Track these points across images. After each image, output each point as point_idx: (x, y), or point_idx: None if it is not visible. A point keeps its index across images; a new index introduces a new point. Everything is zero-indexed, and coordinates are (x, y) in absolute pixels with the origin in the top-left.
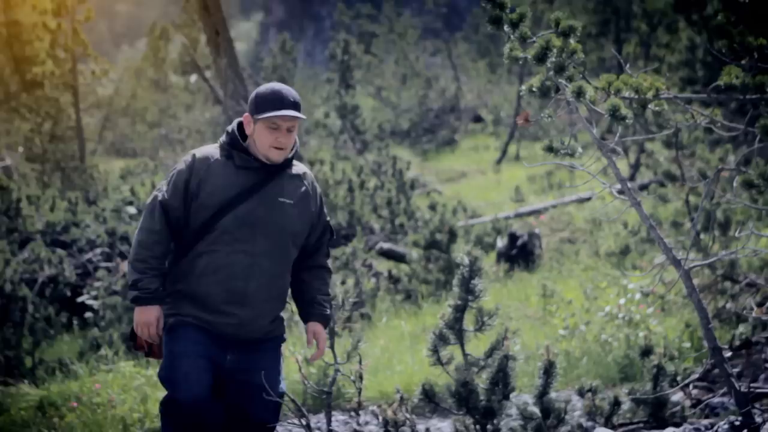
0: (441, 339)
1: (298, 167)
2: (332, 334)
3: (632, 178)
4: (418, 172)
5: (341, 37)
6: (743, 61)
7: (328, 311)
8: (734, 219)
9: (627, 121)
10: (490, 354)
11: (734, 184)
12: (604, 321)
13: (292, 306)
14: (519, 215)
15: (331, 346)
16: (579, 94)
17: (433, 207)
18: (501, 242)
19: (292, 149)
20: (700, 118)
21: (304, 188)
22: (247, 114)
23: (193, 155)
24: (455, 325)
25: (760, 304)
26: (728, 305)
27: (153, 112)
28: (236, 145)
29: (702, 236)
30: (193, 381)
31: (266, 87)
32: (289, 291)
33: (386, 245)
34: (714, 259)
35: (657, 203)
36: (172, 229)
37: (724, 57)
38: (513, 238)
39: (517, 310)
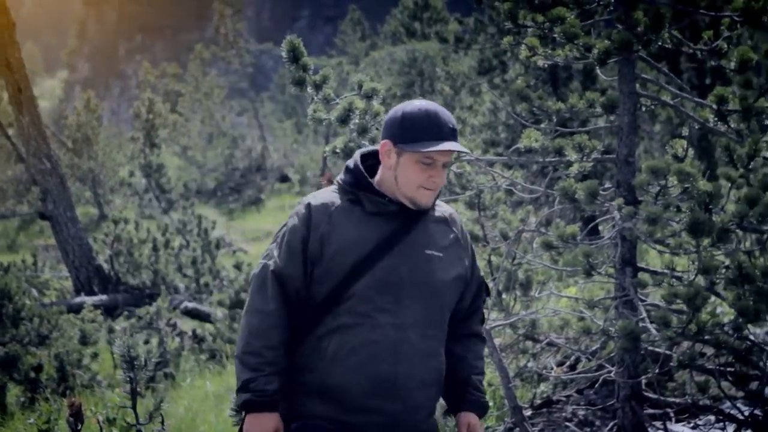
0: None
1: (442, 208)
2: (134, 394)
3: None
4: (223, 231)
5: (146, 95)
6: (543, 125)
7: (485, 398)
8: (535, 279)
9: None
10: None
11: (535, 245)
12: None
13: None
14: None
15: (133, 407)
16: None
17: (238, 266)
18: None
19: None
20: (501, 180)
21: (453, 235)
22: (386, 141)
23: (308, 205)
24: None
25: (560, 364)
26: (529, 364)
27: None
28: (363, 185)
29: (503, 296)
30: None
31: (416, 107)
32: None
33: (191, 305)
34: (515, 319)
35: None
36: (290, 307)
37: (525, 120)
38: None
39: None
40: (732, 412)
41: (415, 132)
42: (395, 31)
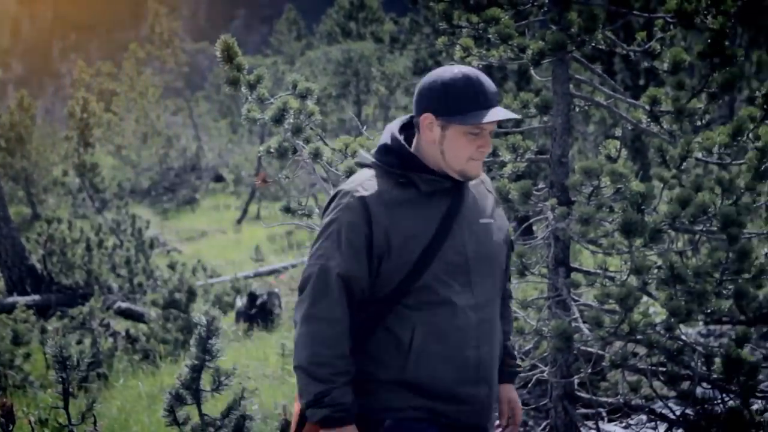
0: (177, 399)
1: None
2: (67, 395)
3: None
4: (157, 231)
5: (81, 94)
6: None
7: (519, 365)
8: None
9: None
10: (227, 414)
11: None
12: None
13: None
14: (259, 275)
15: (66, 407)
16: (316, 155)
17: (172, 266)
18: (240, 302)
19: None
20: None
21: (492, 198)
22: (428, 115)
23: (359, 196)
24: (192, 385)
25: None
26: None
27: None
28: (413, 165)
29: None
30: None
31: (455, 74)
32: None
33: (124, 304)
34: None
35: None
36: (354, 308)
37: None
38: (252, 297)
39: (255, 370)
40: (664, 411)
41: (461, 102)
42: (331, 30)
